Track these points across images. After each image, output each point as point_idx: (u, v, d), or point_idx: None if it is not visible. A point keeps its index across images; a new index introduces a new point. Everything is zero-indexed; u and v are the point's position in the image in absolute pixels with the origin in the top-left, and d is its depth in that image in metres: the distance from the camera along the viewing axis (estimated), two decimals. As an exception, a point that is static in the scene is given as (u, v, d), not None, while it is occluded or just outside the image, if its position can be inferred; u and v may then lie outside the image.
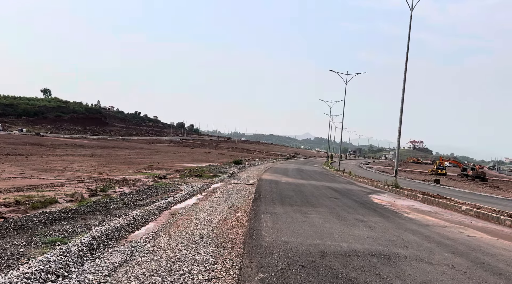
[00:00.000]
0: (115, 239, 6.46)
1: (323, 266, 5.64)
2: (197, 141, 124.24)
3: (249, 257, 5.84)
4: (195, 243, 6.48)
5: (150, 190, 13.23)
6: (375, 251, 6.88)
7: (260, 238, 7.19)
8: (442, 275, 5.73)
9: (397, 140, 26.32)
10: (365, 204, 14.67)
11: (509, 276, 5.97)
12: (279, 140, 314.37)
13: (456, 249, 7.70)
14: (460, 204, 15.89)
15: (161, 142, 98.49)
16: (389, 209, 13.73)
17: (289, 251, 6.35)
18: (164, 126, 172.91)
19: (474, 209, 14.39)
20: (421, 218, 12.13)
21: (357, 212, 12.09)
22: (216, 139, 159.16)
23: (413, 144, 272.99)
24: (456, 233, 9.75)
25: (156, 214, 8.93)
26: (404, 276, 5.50)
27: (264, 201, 12.69)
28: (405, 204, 16.21)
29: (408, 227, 10.03)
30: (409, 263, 6.24)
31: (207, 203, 11.22)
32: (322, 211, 11.45)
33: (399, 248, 7.32)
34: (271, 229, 8.08)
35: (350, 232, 8.57)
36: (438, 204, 16.62)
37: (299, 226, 8.69)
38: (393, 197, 19.27)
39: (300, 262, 5.78)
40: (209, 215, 9.21)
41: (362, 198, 17.25)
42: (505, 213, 13.82)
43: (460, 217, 13.18)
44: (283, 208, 11.51)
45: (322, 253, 6.43)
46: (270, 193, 15.42)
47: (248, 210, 10.42)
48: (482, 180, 62.72)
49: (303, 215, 10.36)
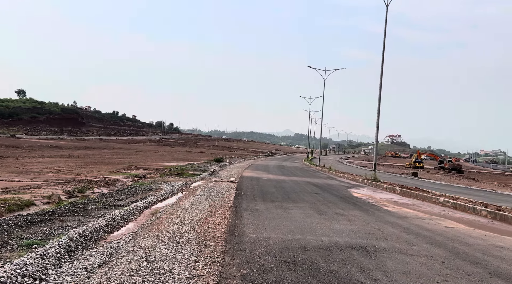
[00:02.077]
0: (93, 240, 6.35)
1: (304, 261, 5.68)
2: (177, 140, 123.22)
3: (231, 254, 5.82)
4: (176, 241, 6.43)
5: (130, 190, 13.06)
6: (356, 244, 6.96)
7: (241, 234, 7.19)
8: (421, 265, 5.84)
9: (375, 135, 26.68)
10: (345, 198, 14.83)
11: (485, 265, 6.13)
12: (259, 138, 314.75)
13: (434, 240, 7.86)
14: (438, 196, 16.24)
15: (140, 142, 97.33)
16: (368, 203, 13.92)
17: (270, 247, 6.36)
18: (143, 125, 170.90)
19: (451, 200, 14.73)
20: (399, 210, 12.34)
21: (337, 206, 12.21)
22: (197, 137, 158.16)
23: (391, 138, 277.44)
24: (434, 224, 9.96)
25: (136, 214, 8.82)
26: (384, 268, 5.58)
27: (246, 198, 12.69)
28: (384, 197, 16.46)
29: (387, 219, 10.19)
30: (388, 255, 6.34)
31: (188, 202, 11.14)
32: (303, 206, 11.52)
33: (379, 240, 7.43)
34: (253, 226, 8.08)
35: (330, 226, 8.65)
36: (416, 196, 16.94)
37: (281, 222, 8.72)
38: (373, 190, 19.54)
39: (282, 257, 5.80)
40: (190, 213, 9.15)
41: (342, 192, 17.43)
42: (481, 203, 14.19)
43: (437, 209, 13.46)
44: (264, 204, 11.53)
45: (303, 247, 6.46)
46: (251, 190, 15.42)
47: (229, 207, 10.40)
48: (459, 172, 64.27)
49: (284, 211, 10.40)
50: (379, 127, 26.01)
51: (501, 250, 7.35)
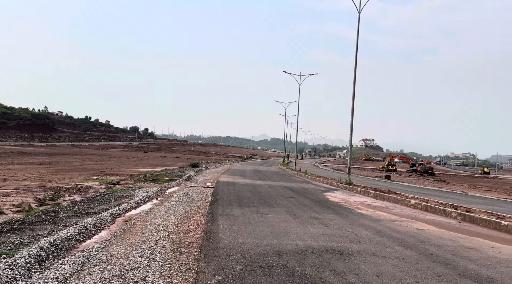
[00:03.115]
0: (65, 249, 6.22)
1: (279, 265, 5.72)
2: (152, 145, 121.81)
3: (206, 261, 5.81)
4: (150, 249, 6.36)
5: (103, 197, 12.82)
6: (330, 247, 7.06)
7: (217, 240, 7.18)
8: (393, 267, 5.97)
9: (350, 139, 27.14)
10: (321, 202, 14.99)
11: (455, 266, 6.30)
12: (236, 142, 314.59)
13: (405, 242, 8.05)
14: (410, 198, 16.62)
15: (114, 147, 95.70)
16: (343, 206, 14.12)
17: (246, 252, 6.38)
18: (117, 131, 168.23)
19: (422, 202, 15.10)
20: (373, 213, 12.57)
21: (312, 210, 12.33)
22: (172, 143, 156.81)
23: (365, 141, 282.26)
24: (405, 226, 10.19)
25: (109, 222, 8.68)
26: (357, 270, 5.68)
27: (222, 203, 12.66)
28: (358, 200, 16.72)
29: (361, 222, 10.37)
30: (362, 257, 6.46)
31: (163, 208, 11.03)
32: (279, 211, 11.59)
33: (353, 243, 7.56)
34: (228, 231, 8.08)
35: (306, 230, 8.74)
36: (389, 199, 17.29)
37: (256, 227, 8.75)
38: (347, 194, 19.83)
39: (257, 262, 5.82)
40: (165, 220, 9.07)
41: (318, 196, 17.61)
42: (451, 205, 14.60)
43: (409, 211, 13.77)
44: (240, 209, 11.54)
45: (278, 252, 6.51)
46: (227, 195, 15.40)
47: (205, 213, 10.36)
48: (430, 175, 65.98)
49: (260, 216, 10.44)
50: (353, 131, 26.50)
51: (470, 250, 7.59)
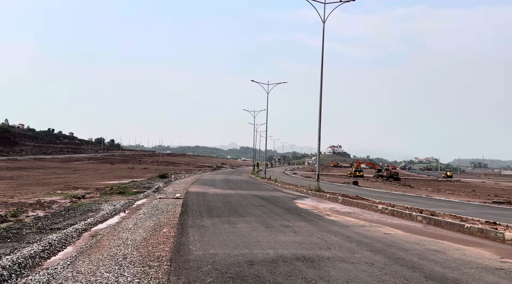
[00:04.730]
0: (29, 267, 5.98)
1: (251, 275, 5.70)
2: (118, 157, 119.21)
3: (176, 274, 5.72)
4: (118, 264, 6.20)
5: (68, 212, 12.43)
6: (301, 255, 7.10)
7: (187, 252, 7.09)
8: (362, 272, 6.08)
9: (318, 146, 27.52)
10: (291, 210, 15.09)
11: (421, 269, 6.47)
12: (205, 152, 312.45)
13: (374, 247, 8.21)
14: (377, 204, 16.99)
15: (78, 160, 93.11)
16: (312, 213, 14.27)
17: (217, 263, 6.33)
18: (82, 142, 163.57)
19: (389, 207, 15.47)
20: (342, 219, 12.76)
21: (283, 218, 12.39)
22: (140, 153, 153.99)
23: (333, 148, 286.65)
24: (373, 231, 10.40)
25: (75, 237, 8.41)
26: (327, 277, 5.74)
27: (192, 214, 12.53)
28: (327, 206, 16.94)
29: (330, 229, 10.50)
30: (332, 264, 6.54)
31: (131, 221, 10.80)
32: (249, 220, 11.58)
33: (323, 250, 7.64)
34: (199, 243, 8.00)
35: (276, 238, 8.77)
36: (357, 204, 17.61)
37: (227, 237, 8.70)
38: (316, 200, 20.05)
39: (228, 273, 5.79)
40: (133, 234, 8.87)
41: (288, 204, 17.72)
42: (417, 209, 15.02)
43: (377, 216, 14.07)
44: (211, 220, 11.45)
45: (250, 262, 6.49)
46: (197, 206, 15.26)
47: (174, 225, 10.22)
48: (396, 180, 67.71)
49: (231, 226, 10.39)
50: (321, 139, 26.88)
51: (436, 253, 7.81)
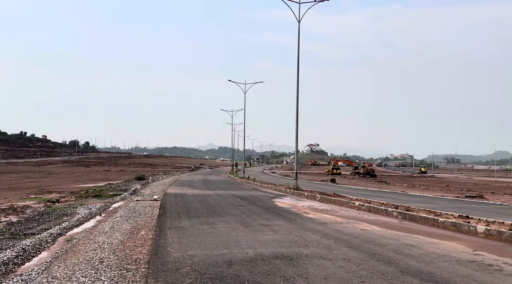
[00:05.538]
0: (2, 274, 5.81)
1: (230, 275, 5.70)
2: (94, 159, 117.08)
3: (154, 276, 5.66)
4: (95, 268, 6.09)
5: (42, 216, 12.13)
6: (279, 253, 7.14)
7: (165, 254, 7.02)
8: (340, 269, 6.16)
9: (295, 145, 27.69)
10: (270, 209, 15.14)
11: (397, 264, 6.60)
12: (183, 153, 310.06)
13: (351, 243, 8.33)
14: (354, 200, 17.23)
15: (52, 163, 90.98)
16: (291, 211, 14.36)
17: (196, 264, 6.29)
18: (56, 145, 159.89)
19: (365, 204, 15.71)
20: (320, 216, 12.89)
21: (262, 217, 12.42)
22: (116, 155, 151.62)
23: (311, 147, 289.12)
24: (351, 228, 10.55)
25: (49, 242, 8.22)
26: (306, 274, 5.79)
27: (170, 216, 12.42)
28: (305, 204, 17.08)
29: (309, 226, 10.59)
30: (310, 261, 6.60)
31: (107, 224, 10.62)
32: (228, 220, 11.56)
33: (301, 247, 7.70)
34: (177, 244, 7.94)
35: (255, 237, 8.78)
36: (335, 202, 17.82)
37: (206, 238, 8.66)
38: (295, 199, 20.19)
39: (207, 274, 5.76)
40: (109, 237, 8.73)
41: (267, 203, 17.77)
42: (392, 205, 15.32)
43: (354, 213, 14.27)
44: (189, 221, 11.38)
45: (229, 262, 6.48)
46: (175, 207, 15.13)
47: (152, 227, 10.11)
48: (372, 176, 68.92)
49: (210, 226, 10.35)
50: (299, 137, 27.05)
51: (411, 248, 7.99)
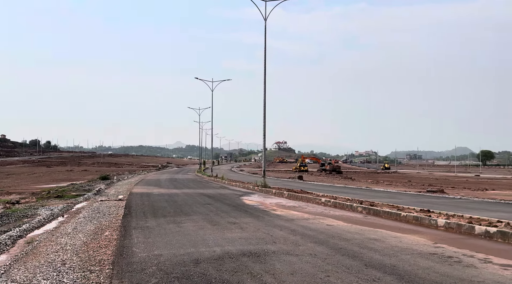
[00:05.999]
0: (-46, 281, 5.53)
1: (197, 274, 5.67)
2: (56, 159, 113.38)
3: (119, 277, 5.55)
4: (57, 270, 5.91)
5: (1, 218, 11.67)
6: (247, 250, 7.17)
7: (131, 255, 6.90)
8: (306, 264, 6.25)
9: (263, 142, 27.83)
10: (238, 206, 15.15)
11: (361, 257, 6.76)
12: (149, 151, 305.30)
13: (317, 238, 8.46)
14: (320, 197, 17.51)
15: (12, 163, 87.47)
16: (259, 209, 14.43)
17: (162, 264, 6.22)
18: (15, 145, 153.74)
19: (331, 200, 16.00)
20: (287, 213, 13.02)
21: (230, 215, 12.42)
22: (79, 155, 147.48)
23: (278, 144, 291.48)
24: (317, 223, 10.71)
25: (9, 244, 7.91)
26: (273, 270, 5.85)
27: (135, 216, 12.21)
28: (273, 201, 17.20)
29: (276, 223, 10.68)
30: (277, 257, 6.66)
31: (70, 226, 10.32)
32: (196, 219, 11.49)
33: (268, 244, 7.76)
34: (143, 244, 7.82)
35: (223, 235, 8.77)
36: (302, 198, 18.05)
37: (173, 237, 8.58)
38: (263, 196, 20.30)
39: (174, 273, 5.71)
40: (72, 238, 8.49)
41: (235, 200, 17.78)
42: (357, 200, 15.66)
43: (320, 209, 14.50)
44: (155, 220, 11.23)
45: (196, 260, 6.45)
46: (141, 207, 14.89)
47: (117, 228, 9.91)
48: (338, 173, 70.22)
49: (177, 225, 10.26)
50: (267, 135, 27.23)
51: (374, 242, 8.20)
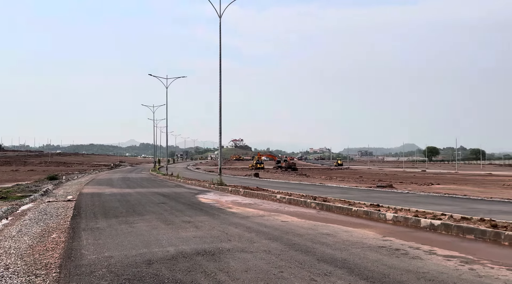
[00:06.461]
0: None
1: (149, 275, 5.56)
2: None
3: (66, 281, 5.33)
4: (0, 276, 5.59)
5: None
6: (201, 249, 7.11)
7: (79, 257, 6.65)
8: (260, 260, 6.29)
9: (219, 140, 27.74)
10: (193, 205, 15.01)
11: (314, 252, 6.90)
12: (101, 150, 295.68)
13: (272, 235, 8.55)
14: (276, 193, 17.71)
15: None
16: (215, 207, 14.37)
17: (112, 266, 6.04)
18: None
19: (287, 196, 16.22)
20: (243, 211, 13.06)
21: (184, 214, 12.28)
22: (25, 154, 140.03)
23: (235, 142, 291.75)
24: (272, 220, 10.82)
25: None
26: (227, 268, 5.84)
27: (85, 217, 11.79)
28: (229, 199, 17.19)
29: (231, 221, 10.68)
30: (231, 255, 6.66)
31: (14, 228, 9.79)
32: (149, 218, 11.25)
33: (223, 242, 7.74)
34: (93, 246, 7.56)
35: (177, 235, 8.66)
36: (257, 195, 18.17)
37: (125, 238, 8.35)
38: (219, 194, 20.23)
39: (125, 275, 5.56)
40: (17, 242, 8.06)
41: (190, 199, 17.60)
42: (311, 196, 15.98)
43: (275, 205, 14.66)
44: (106, 221, 10.89)
45: (148, 261, 6.32)
46: (92, 207, 14.39)
47: (65, 229, 9.52)
48: (293, 170, 71.34)
49: (129, 226, 10.00)
50: (223, 133, 27.20)
51: (327, 236, 8.40)
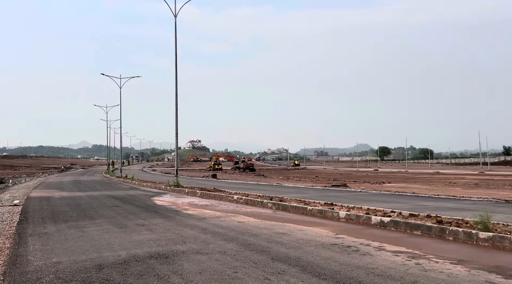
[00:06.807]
0: None
1: (99, 280, 5.38)
2: None
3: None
4: None
5: None
6: (155, 252, 6.98)
7: (25, 264, 6.33)
8: (215, 262, 6.26)
9: (175, 141, 27.36)
10: (148, 208, 14.70)
11: (269, 252, 6.96)
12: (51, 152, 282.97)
13: (228, 236, 8.53)
14: (233, 194, 17.70)
15: None
16: (170, 209, 14.14)
17: (60, 272, 5.80)
18: None
19: (244, 197, 16.26)
20: (199, 212, 12.94)
21: (138, 217, 12.00)
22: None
23: (192, 143, 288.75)
24: (228, 221, 10.81)
25: None
26: (181, 271, 5.76)
27: (32, 222, 11.24)
28: (186, 201, 16.99)
29: (187, 223, 10.56)
30: (186, 257, 6.58)
31: (-48, 236, 9.17)
32: (101, 222, 10.90)
33: (178, 244, 7.64)
34: (40, 252, 7.22)
35: (130, 238, 8.44)
36: (215, 197, 18.08)
37: (74, 243, 8.05)
38: (175, 196, 19.94)
39: (74, 281, 5.35)
40: (-45, 250, 7.55)
41: (145, 201, 17.22)
42: (267, 197, 16.11)
43: (232, 206, 14.65)
44: (55, 226, 10.44)
45: (99, 266, 6.11)
46: (40, 212, 13.74)
47: (11, 235, 9.04)
48: (251, 170, 71.54)
49: (79, 230, 9.64)
50: (180, 134, 26.84)
51: (282, 236, 8.50)
